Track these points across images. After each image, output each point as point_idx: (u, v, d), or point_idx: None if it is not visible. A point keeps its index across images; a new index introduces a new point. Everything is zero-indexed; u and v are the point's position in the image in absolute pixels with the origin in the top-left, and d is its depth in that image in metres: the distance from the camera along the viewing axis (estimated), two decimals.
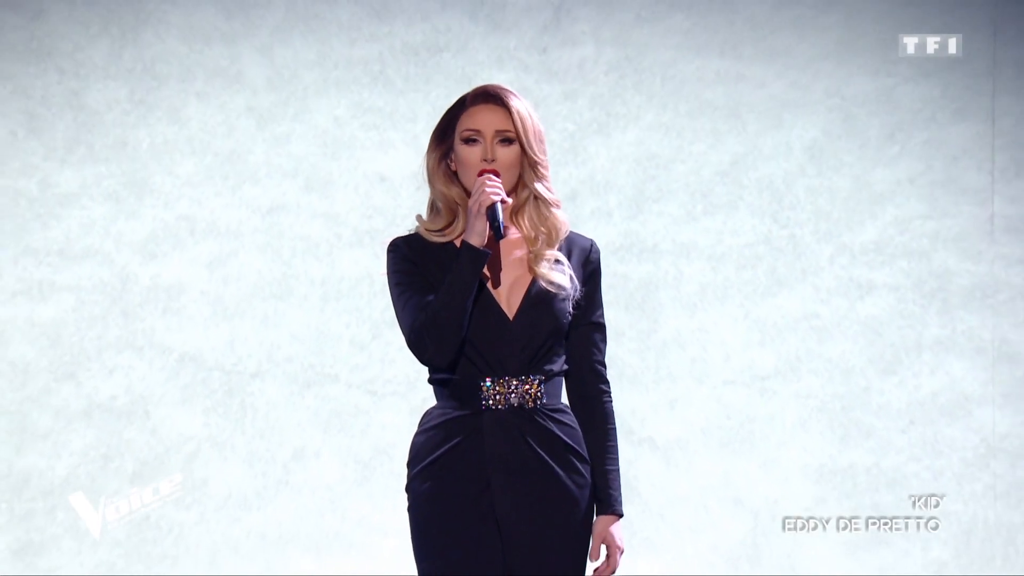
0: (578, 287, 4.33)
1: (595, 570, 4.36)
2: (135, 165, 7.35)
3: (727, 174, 7.42)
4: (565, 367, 4.32)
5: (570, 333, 4.34)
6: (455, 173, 4.35)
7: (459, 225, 4.33)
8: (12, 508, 7.29)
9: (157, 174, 7.34)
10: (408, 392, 7.18)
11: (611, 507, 4.35)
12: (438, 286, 4.25)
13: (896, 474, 7.42)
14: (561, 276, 4.29)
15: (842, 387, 7.40)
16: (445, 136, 4.35)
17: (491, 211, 4.15)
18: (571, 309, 4.30)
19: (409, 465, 4.31)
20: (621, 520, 4.36)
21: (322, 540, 7.33)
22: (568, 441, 4.27)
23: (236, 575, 7.05)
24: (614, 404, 4.41)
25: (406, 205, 7.19)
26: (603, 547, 4.36)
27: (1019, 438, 7.50)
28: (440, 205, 4.37)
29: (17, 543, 7.27)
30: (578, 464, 4.28)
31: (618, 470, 4.40)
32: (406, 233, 4.38)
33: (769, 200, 7.46)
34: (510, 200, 4.26)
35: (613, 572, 4.38)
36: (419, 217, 4.38)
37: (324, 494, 7.28)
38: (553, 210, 4.33)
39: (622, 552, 4.35)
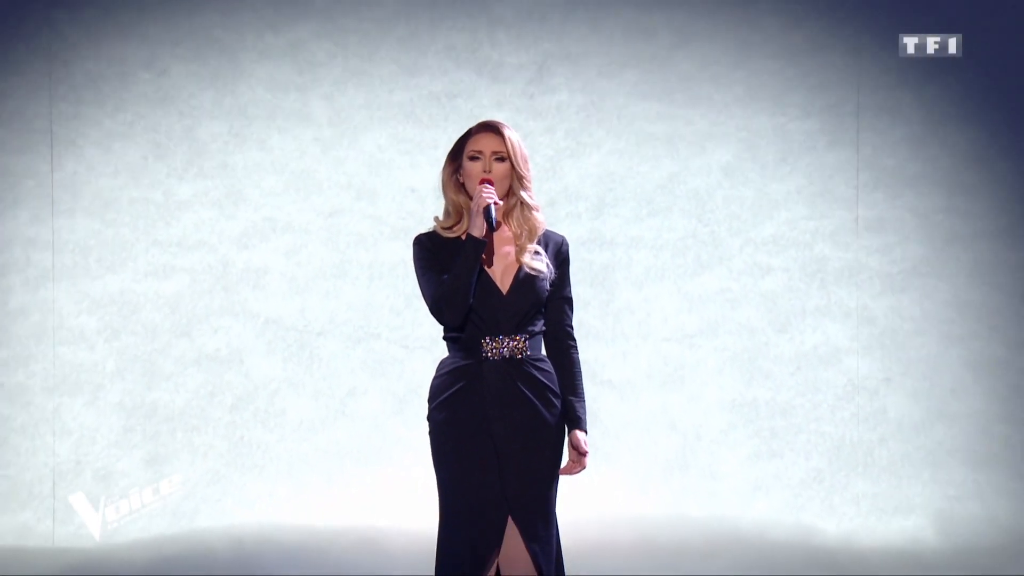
0: (552, 271, 4.48)
1: (564, 466, 4.49)
2: (233, 181, 7.54)
3: (665, 187, 7.57)
4: (543, 328, 4.48)
5: (547, 304, 4.48)
6: (462, 185, 4.47)
7: (464, 224, 4.47)
8: (144, 429, 7.46)
9: (248, 187, 7.53)
10: (432, 346, 7.40)
11: (578, 424, 4.47)
12: (450, 268, 4.38)
13: (787, 405, 7.54)
14: (540, 263, 4.44)
15: (748, 342, 7.56)
16: (456, 157, 4.48)
17: (487, 210, 4.31)
18: (547, 287, 4.46)
19: (429, 401, 4.48)
20: (585, 434, 4.49)
21: (368, 454, 7.51)
22: (546, 382, 4.44)
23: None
24: (581, 355, 4.55)
25: (431, 210, 7.22)
26: (573, 452, 4.48)
27: (875, 379, 7.54)
28: (451, 209, 4.50)
29: (148, 456, 7.45)
30: (553, 399, 4.45)
31: (583, 400, 4.52)
32: (427, 230, 4.54)
33: (695, 206, 7.58)
34: (501, 203, 4.41)
35: (582, 469, 4.50)
36: (436, 218, 4.54)
37: (370, 421, 7.52)
38: (534, 213, 4.46)
39: (587, 455, 4.48)
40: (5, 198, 7.46)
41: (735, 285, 7.58)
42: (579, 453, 4.45)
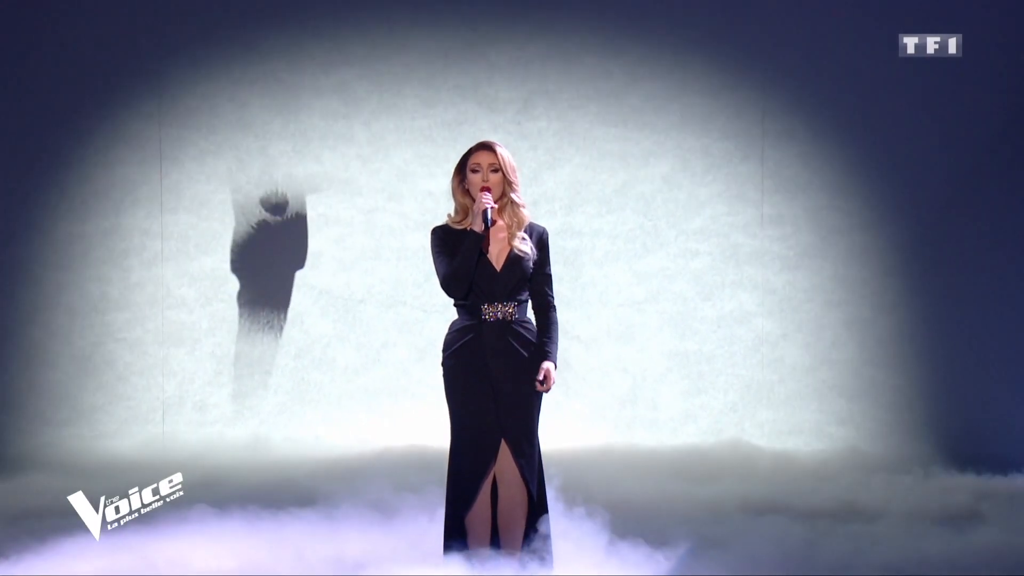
0: (535, 253, 4.56)
1: (540, 383, 4.43)
2: (295, 186, 7.52)
3: (619, 191, 7.60)
4: (528, 298, 4.56)
5: (532, 279, 4.55)
6: (467, 191, 4.53)
7: (468, 219, 4.53)
8: (230, 373, 7.46)
9: (307, 191, 7.55)
10: (444, 311, 7.25)
11: (547, 357, 4.48)
12: (457, 253, 4.43)
13: (711, 354, 7.58)
14: (526, 247, 4.52)
15: (682, 307, 7.60)
16: (461, 170, 4.55)
17: (484, 213, 4.42)
18: (531, 266, 4.53)
19: (443, 351, 4.57)
20: (552, 365, 4.43)
21: (397, 392, 7.51)
22: (530, 338, 4.53)
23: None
24: (558, 316, 4.55)
25: (443, 208, 7.22)
26: (544, 372, 4.45)
27: (775, 334, 7.54)
28: (459, 208, 4.57)
29: (233, 392, 7.47)
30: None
31: (554, 343, 4.51)
32: (441, 223, 4.61)
33: (643, 205, 7.60)
34: (496, 205, 4.50)
35: (547, 390, 4.42)
36: (448, 215, 4.61)
37: (398, 367, 7.58)
38: (521, 209, 4.54)
39: (547, 380, 4.39)
40: (125, 199, 7.49)
41: (672, 265, 7.61)
42: (547, 371, 4.42)
